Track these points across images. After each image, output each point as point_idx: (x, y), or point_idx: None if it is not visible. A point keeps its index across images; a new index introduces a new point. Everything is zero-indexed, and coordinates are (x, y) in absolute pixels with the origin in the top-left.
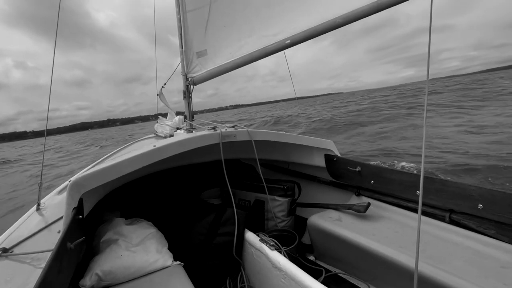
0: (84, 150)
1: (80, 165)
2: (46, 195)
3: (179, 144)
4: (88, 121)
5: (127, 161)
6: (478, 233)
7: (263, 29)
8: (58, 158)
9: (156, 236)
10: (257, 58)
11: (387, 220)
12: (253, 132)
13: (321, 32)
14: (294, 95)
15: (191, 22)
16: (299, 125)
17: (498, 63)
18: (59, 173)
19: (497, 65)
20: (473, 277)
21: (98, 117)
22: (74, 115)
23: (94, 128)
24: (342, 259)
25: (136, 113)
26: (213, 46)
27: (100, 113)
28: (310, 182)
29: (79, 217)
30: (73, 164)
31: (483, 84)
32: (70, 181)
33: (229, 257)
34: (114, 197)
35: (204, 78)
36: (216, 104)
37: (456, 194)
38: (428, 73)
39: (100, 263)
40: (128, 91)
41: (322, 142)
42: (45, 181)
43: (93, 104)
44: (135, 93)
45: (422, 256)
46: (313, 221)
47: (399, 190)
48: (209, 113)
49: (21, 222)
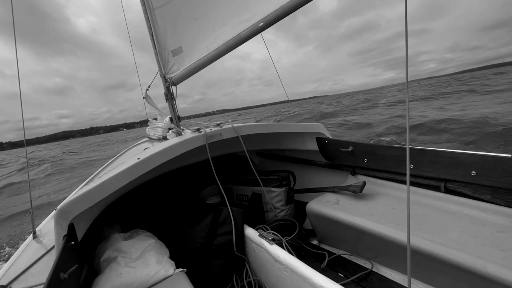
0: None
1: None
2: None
3: (162, 153)
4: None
5: (111, 179)
6: (474, 199)
7: (236, 17)
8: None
9: (155, 246)
10: (233, 47)
11: (384, 196)
12: (239, 128)
13: (293, 9)
14: (280, 99)
15: (160, 20)
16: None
17: (472, 64)
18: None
19: (471, 66)
20: (470, 247)
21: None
22: (55, 124)
23: (76, 137)
24: (344, 241)
25: (121, 120)
26: (188, 42)
27: (82, 121)
28: (306, 166)
29: (71, 243)
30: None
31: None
32: (56, 209)
33: (232, 255)
34: (112, 211)
35: (183, 76)
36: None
37: (449, 164)
38: (406, 67)
39: (101, 284)
40: (112, 98)
41: (312, 126)
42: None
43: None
44: (119, 100)
45: (419, 231)
46: (312, 207)
47: (392, 165)
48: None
49: (18, 254)
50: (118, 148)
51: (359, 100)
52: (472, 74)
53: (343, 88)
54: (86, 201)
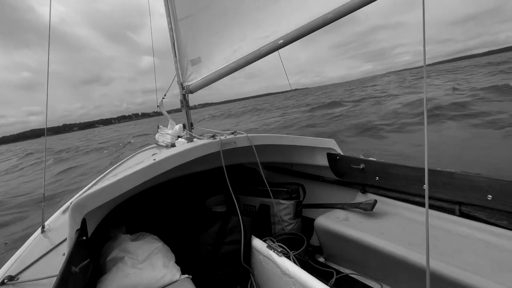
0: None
1: None
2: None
3: (179, 155)
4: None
5: (127, 178)
6: (489, 224)
7: (255, 32)
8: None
9: (162, 250)
10: (251, 61)
11: (395, 216)
12: (253, 137)
13: (313, 29)
14: (263, 91)
15: (183, 30)
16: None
17: (443, 56)
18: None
19: (442, 58)
20: (487, 271)
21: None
22: (23, 122)
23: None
24: (352, 259)
25: (97, 116)
26: (207, 53)
27: (54, 118)
28: (314, 182)
29: (83, 238)
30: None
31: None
32: (71, 203)
33: (238, 266)
34: (118, 212)
35: (200, 85)
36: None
37: (464, 186)
38: (424, 60)
39: (107, 283)
40: (86, 93)
41: (323, 141)
42: None
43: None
44: (94, 95)
45: (433, 252)
46: (320, 222)
47: (405, 185)
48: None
49: (26, 247)
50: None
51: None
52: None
53: (324, 80)
54: (101, 197)
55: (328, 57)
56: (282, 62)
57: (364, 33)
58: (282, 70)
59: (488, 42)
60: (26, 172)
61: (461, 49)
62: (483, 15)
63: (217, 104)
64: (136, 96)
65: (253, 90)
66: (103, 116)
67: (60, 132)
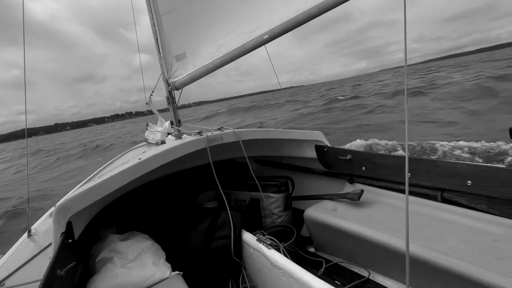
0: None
1: None
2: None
3: (165, 153)
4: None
5: (113, 178)
6: (470, 209)
7: (241, 27)
8: None
9: (152, 248)
10: (237, 56)
11: (381, 205)
12: (240, 132)
13: (298, 24)
14: (259, 89)
15: (166, 25)
16: None
17: (435, 54)
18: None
19: (435, 56)
20: (466, 254)
21: (43, 122)
22: (13, 121)
23: (39, 135)
24: (341, 248)
25: (90, 115)
26: (192, 48)
27: (46, 117)
28: (304, 174)
29: (68, 241)
30: None
31: None
32: (55, 206)
33: (229, 260)
34: (108, 212)
35: (186, 82)
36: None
37: (445, 173)
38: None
39: (96, 285)
40: (79, 92)
41: (311, 133)
42: None
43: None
44: (87, 94)
45: (416, 238)
46: (310, 213)
47: (390, 174)
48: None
49: (12, 252)
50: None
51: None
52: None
53: (318, 78)
54: (86, 199)
55: (323, 55)
56: (271, 59)
57: (358, 30)
58: (277, 68)
59: (480, 39)
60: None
61: (452, 46)
62: (475, 13)
63: (212, 102)
64: (130, 94)
65: (249, 88)
66: (96, 115)
67: (52, 131)
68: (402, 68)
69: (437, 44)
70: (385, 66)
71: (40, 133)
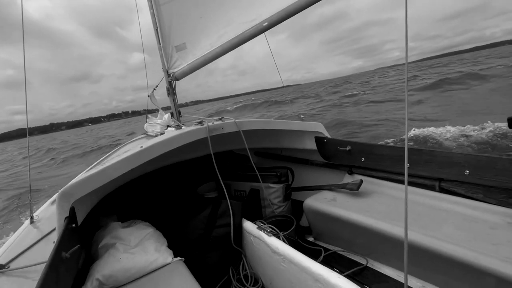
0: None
1: None
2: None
3: (165, 142)
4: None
5: (114, 166)
6: (467, 198)
7: (240, 16)
8: None
9: (154, 235)
10: (237, 45)
11: (380, 195)
12: (241, 123)
13: (297, 10)
14: (255, 88)
15: (166, 15)
16: None
17: (432, 52)
18: None
19: (431, 54)
20: (463, 241)
21: (39, 122)
22: (8, 121)
23: (34, 135)
24: (339, 237)
25: (85, 115)
26: (192, 39)
27: (41, 117)
28: (303, 165)
29: (72, 225)
30: None
31: None
32: (58, 192)
33: (229, 248)
34: (109, 201)
35: (186, 72)
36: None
37: (444, 163)
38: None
39: (100, 269)
40: (75, 91)
41: (311, 125)
42: None
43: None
44: (83, 93)
45: (414, 226)
46: (309, 203)
47: (389, 165)
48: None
49: (15, 237)
50: None
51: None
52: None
53: (315, 77)
54: (88, 185)
55: (319, 54)
56: (273, 55)
57: (354, 29)
58: (274, 67)
59: (475, 38)
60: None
61: (448, 45)
62: (470, 11)
63: (209, 101)
64: (126, 93)
65: (245, 87)
66: (92, 115)
67: (47, 131)
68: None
69: (433, 42)
70: (381, 65)
71: (35, 133)
